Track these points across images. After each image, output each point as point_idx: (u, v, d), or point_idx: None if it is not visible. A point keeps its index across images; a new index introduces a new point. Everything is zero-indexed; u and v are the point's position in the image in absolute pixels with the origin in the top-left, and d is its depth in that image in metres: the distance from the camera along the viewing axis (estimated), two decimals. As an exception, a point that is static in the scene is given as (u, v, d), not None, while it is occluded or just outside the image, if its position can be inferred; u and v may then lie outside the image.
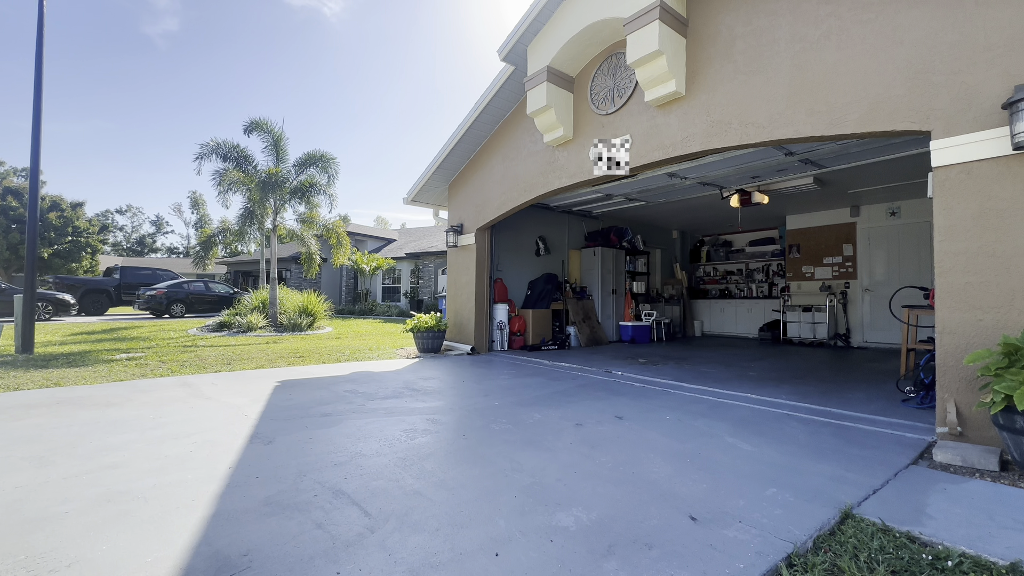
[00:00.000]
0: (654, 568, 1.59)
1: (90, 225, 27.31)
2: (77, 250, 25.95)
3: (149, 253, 52.59)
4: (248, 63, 77.34)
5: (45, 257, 24.22)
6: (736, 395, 4.34)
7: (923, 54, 3.01)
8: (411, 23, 78.24)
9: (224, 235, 11.38)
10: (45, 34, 6.70)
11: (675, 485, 2.28)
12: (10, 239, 22.97)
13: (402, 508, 2.02)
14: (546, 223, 8.76)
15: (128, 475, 2.34)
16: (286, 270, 22.61)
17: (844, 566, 1.60)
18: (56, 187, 58.53)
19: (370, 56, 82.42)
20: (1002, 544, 1.75)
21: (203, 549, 1.69)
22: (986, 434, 2.70)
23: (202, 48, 72.04)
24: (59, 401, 3.84)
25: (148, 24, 67.65)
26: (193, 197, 52.19)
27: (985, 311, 2.74)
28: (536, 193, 6.04)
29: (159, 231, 55.26)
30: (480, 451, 2.75)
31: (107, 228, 35.45)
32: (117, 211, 52.11)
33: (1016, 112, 2.54)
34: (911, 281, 7.45)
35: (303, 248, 11.47)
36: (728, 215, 9.13)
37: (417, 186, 7.82)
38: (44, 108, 6.67)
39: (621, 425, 3.31)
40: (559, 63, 5.29)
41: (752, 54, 3.90)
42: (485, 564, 1.61)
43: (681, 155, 4.43)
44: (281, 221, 11.05)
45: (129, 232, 53.34)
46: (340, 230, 11.78)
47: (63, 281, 16.36)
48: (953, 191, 2.87)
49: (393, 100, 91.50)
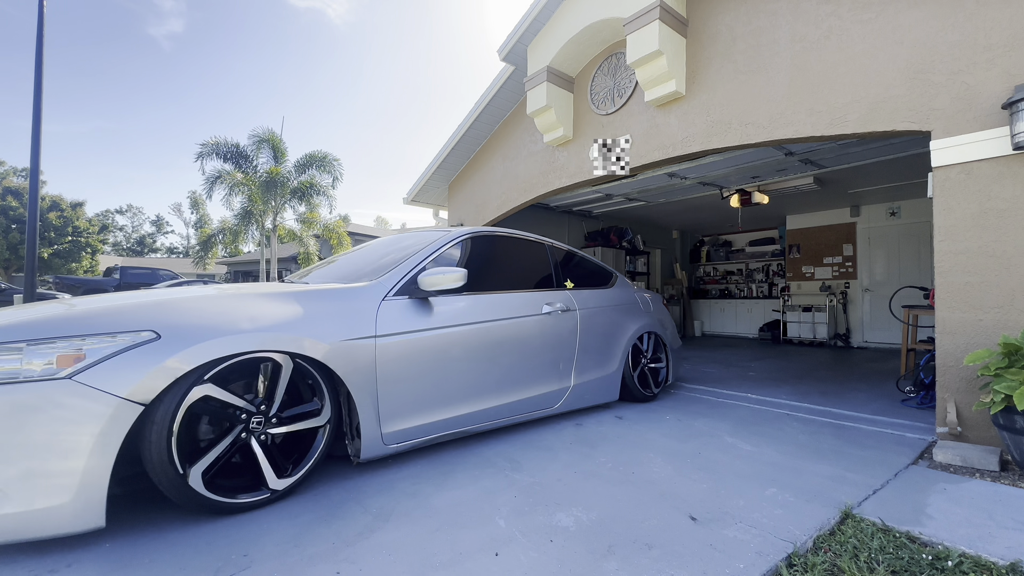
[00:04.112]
0: (654, 568, 1.59)
1: (90, 225, 27.32)
2: (77, 250, 25.96)
3: (149, 253, 52.61)
4: (252, 64, 77.51)
5: (45, 257, 24.23)
6: (736, 395, 4.34)
7: (923, 54, 3.01)
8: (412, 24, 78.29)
9: (224, 235, 11.39)
10: (45, 34, 6.70)
11: (675, 485, 2.28)
12: (10, 239, 22.97)
13: (402, 508, 2.02)
14: (546, 223, 8.75)
15: (128, 475, 2.34)
16: (286, 270, 22.61)
17: (844, 566, 1.60)
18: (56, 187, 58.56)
19: (372, 56, 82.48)
20: (1002, 544, 1.75)
21: (204, 549, 1.69)
22: (986, 434, 2.70)
23: (206, 50, 72.14)
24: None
25: (153, 26, 67.77)
26: (193, 197, 52.12)
27: (985, 311, 2.74)
28: (536, 193, 6.04)
29: (159, 231, 55.27)
30: (479, 450, 2.76)
31: (107, 228, 35.46)
32: (117, 211, 52.11)
33: (1016, 112, 2.54)
34: (911, 281, 7.45)
35: (302, 248, 11.48)
36: (728, 215, 9.13)
37: (417, 186, 7.82)
38: (45, 108, 6.67)
39: (621, 425, 3.31)
40: (559, 63, 5.29)
41: (752, 54, 3.90)
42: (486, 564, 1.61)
43: (681, 155, 4.43)
44: (281, 221, 11.05)
45: (129, 232, 53.35)
46: (341, 230, 11.79)
47: (63, 281, 16.36)
48: (953, 191, 2.87)
49: (394, 100, 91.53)
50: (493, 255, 3.27)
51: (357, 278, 2.67)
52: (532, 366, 3.12)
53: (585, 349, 3.47)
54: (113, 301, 2.03)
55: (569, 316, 3.39)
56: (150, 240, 54.31)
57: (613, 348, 3.73)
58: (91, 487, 1.59)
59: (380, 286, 2.50)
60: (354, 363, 2.22)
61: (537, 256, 3.53)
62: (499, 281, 3.14)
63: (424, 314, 2.55)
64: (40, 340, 1.64)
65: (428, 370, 2.53)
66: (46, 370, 1.61)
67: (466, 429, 2.76)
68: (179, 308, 1.96)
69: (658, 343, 4.25)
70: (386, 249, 3.11)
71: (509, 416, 3.00)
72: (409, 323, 2.48)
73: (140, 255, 50.26)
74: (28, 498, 1.53)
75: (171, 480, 1.75)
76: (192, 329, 1.85)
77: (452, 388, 2.64)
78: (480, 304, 2.86)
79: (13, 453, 1.53)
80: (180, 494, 1.78)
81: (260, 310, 2.09)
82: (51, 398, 1.58)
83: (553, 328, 3.26)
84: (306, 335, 2.09)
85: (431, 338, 2.55)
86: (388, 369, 2.34)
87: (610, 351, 3.70)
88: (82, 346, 1.67)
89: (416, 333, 2.49)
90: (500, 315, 2.95)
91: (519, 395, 3.02)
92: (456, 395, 2.67)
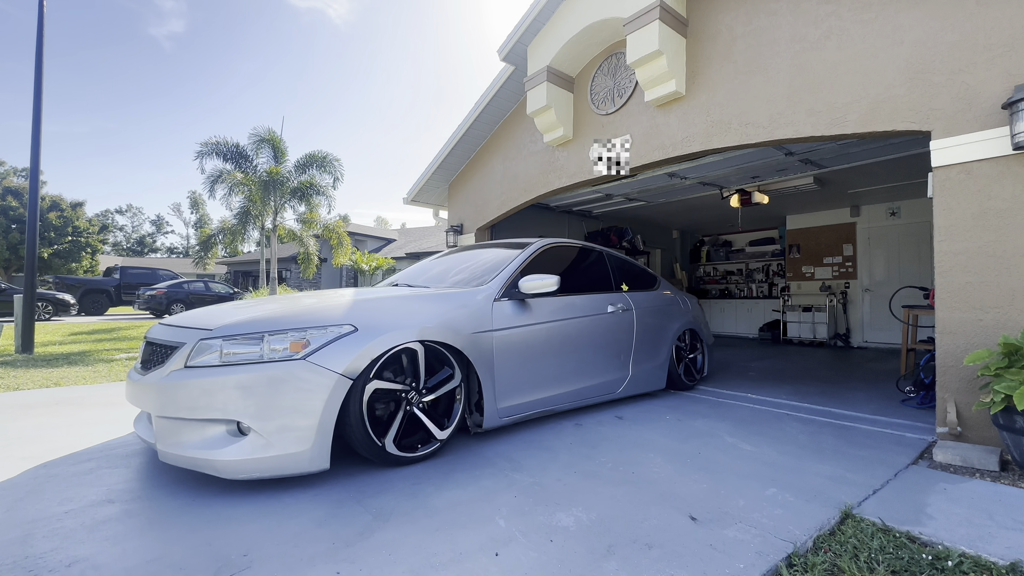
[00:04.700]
0: (654, 568, 1.59)
1: (90, 225, 27.32)
2: (77, 250, 25.96)
3: (149, 253, 52.61)
4: (253, 65, 77.56)
5: (45, 257, 24.23)
6: (736, 395, 4.34)
7: (923, 54, 3.01)
8: (413, 24, 78.28)
9: (224, 235, 11.38)
10: (45, 33, 6.70)
11: (675, 485, 2.28)
12: (10, 239, 22.97)
13: (402, 508, 2.02)
14: (546, 223, 8.75)
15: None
16: (286, 270, 22.62)
17: (844, 566, 1.60)
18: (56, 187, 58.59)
19: (372, 56, 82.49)
20: (1002, 544, 1.75)
21: (203, 549, 1.69)
22: (986, 434, 2.70)
23: (207, 50, 72.17)
24: (59, 401, 3.84)
25: (154, 26, 67.80)
26: (193, 197, 52.20)
27: (985, 311, 2.74)
28: (536, 193, 6.04)
29: (159, 231, 55.27)
30: (479, 450, 2.76)
31: (107, 228, 35.46)
32: (117, 211, 52.14)
33: (1016, 112, 2.54)
34: (911, 281, 7.45)
35: (301, 248, 11.47)
36: (728, 215, 9.13)
37: (417, 186, 7.82)
38: (45, 108, 6.68)
39: (621, 425, 3.31)
40: (559, 63, 5.29)
41: (752, 54, 3.90)
42: (486, 564, 1.61)
43: (681, 155, 4.43)
44: (281, 221, 11.04)
45: (129, 232, 53.35)
46: (340, 230, 11.79)
47: (63, 281, 16.37)
48: (953, 191, 2.87)
49: (394, 100, 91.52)
50: (564, 262, 3.80)
51: (456, 284, 3.29)
52: (600, 357, 3.65)
53: (640, 343, 3.98)
54: (318, 302, 2.61)
55: (627, 315, 3.90)
56: (150, 240, 54.30)
57: (661, 343, 4.24)
58: (322, 438, 2.14)
59: (491, 289, 3.05)
60: (480, 351, 2.78)
61: (597, 262, 4.06)
62: (571, 285, 3.55)
63: (523, 312, 3.12)
64: (276, 331, 2.21)
65: (527, 358, 3.08)
66: (285, 353, 2.16)
67: (552, 408, 3.30)
68: (365, 308, 2.52)
69: (696, 338, 4.74)
70: (471, 259, 3.74)
71: (583, 399, 3.54)
72: (513, 319, 3.04)
73: (140, 255, 50.25)
74: (283, 445, 2.08)
75: (370, 445, 2.31)
76: (377, 325, 2.40)
77: (543, 373, 3.20)
78: (562, 304, 3.40)
79: (273, 412, 2.08)
80: (377, 455, 2.35)
81: (418, 310, 2.66)
82: (294, 373, 2.12)
83: (615, 325, 3.78)
84: (449, 328, 2.65)
85: (528, 332, 3.12)
86: (501, 357, 2.91)
87: (659, 345, 4.21)
88: (306, 336, 2.22)
89: (518, 328, 3.05)
90: (576, 314, 3.48)
91: (591, 381, 3.56)
92: (546, 379, 3.21)
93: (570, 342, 3.39)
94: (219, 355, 2.15)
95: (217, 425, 2.11)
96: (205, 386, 2.09)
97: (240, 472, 2.07)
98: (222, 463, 2.04)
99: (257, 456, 2.06)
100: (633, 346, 3.91)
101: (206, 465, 2.08)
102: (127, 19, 68.75)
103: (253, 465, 2.06)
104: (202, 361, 2.16)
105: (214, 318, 2.43)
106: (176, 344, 2.29)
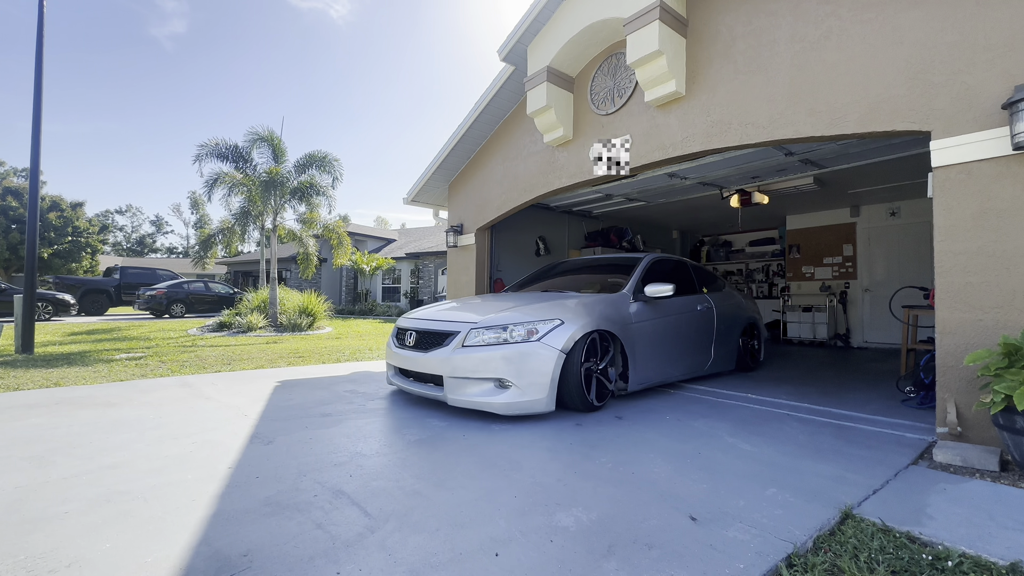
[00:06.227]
0: (654, 568, 1.59)
1: (90, 225, 27.31)
2: (77, 250, 25.95)
3: (149, 253, 52.62)
4: (254, 65, 77.60)
5: (45, 257, 24.22)
6: (735, 395, 4.35)
7: (923, 54, 3.01)
8: (414, 24, 78.33)
9: (223, 235, 11.37)
10: (45, 33, 6.70)
11: (675, 485, 2.28)
12: (10, 239, 22.97)
13: (402, 508, 2.02)
14: (546, 223, 8.75)
15: (128, 475, 2.34)
16: (286, 270, 22.61)
17: (844, 566, 1.60)
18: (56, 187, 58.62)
19: (373, 56, 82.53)
20: (1002, 544, 1.75)
21: (203, 549, 1.69)
22: (986, 434, 2.70)
23: (208, 50, 72.17)
24: (59, 401, 3.84)
25: (156, 26, 67.81)
26: (193, 197, 52.22)
27: (985, 311, 2.74)
28: (536, 193, 6.04)
29: (159, 231, 55.28)
30: (480, 450, 2.76)
31: (107, 228, 35.43)
32: (117, 211, 52.15)
33: (1016, 112, 2.54)
34: (911, 281, 7.45)
35: (301, 248, 11.45)
36: (728, 215, 9.13)
37: (417, 186, 7.81)
38: (45, 108, 6.68)
39: (621, 425, 3.31)
40: (559, 63, 5.29)
41: (752, 54, 3.90)
42: (486, 564, 1.61)
43: (681, 155, 4.43)
44: (281, 221, 11.03)
45: (129, 232, 53.36)
46: (340, 230, 11.77)
47: (63, 281, 16.36)
48: (953, 191, 2.87)
49: (394, 100, 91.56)
50: (664, 270, 4.80)
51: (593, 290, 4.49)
52: (693, 344, 4.73)
53: (718, 333, 5.06)
54: (534, 304, 3.75)
55: (709, 311, 4.96)
56: (150, 240, 54.30)
57: (732, 333, 5.33)
58: (552, 391, 3.35)
59: (626, 293, 4.19)
60: (627, 337, 3.91)
61: (683, 269, 5.10)
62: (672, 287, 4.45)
63: (647, 309, 4.22)
64: (516, 324, 3.44)
65: (650, 343, 4.16)
66: (526, 338, 3.38)
67: (663, 380, 4.41)
68: (564, 307, 3.67)
69: (755, 329, 5.80)
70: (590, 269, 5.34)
71: (682, 375, 4.65)
72: (642, 315, 4.15)
73: (140, 255, 50.26)
74: (531, 393, 3.30)
75: (581, 398, 3.48)
76: (574, 320, 3.54)
77: (660, 355, 4.29)
78: (670, 303, 4.45)
79: (524, 373, 3.29)
80: (583, 405, 3.52)
81: (592, 308, 3.76)
82: (535, 350, 3.34)
83: (703, 319, 4.86)
84: (610, 320, 3.81)
85: (651, 324, 4.20)
86: (637, 342, 4.01)
87: (730, 335, 5.30)
88: (535, 327, 3.43)
89: (645, 322, 4.16)
90: (679, 311, 4.57)
91: (689, 361, 4.69)
92: (662, 359, 4.32)
93: (676, 332, 4.48)
94: (482, 339, 3.40)
95: (489, 382, 3.33)
96: (483, 357, 3.34)
97: (506, 410, 3.29)
98: (497, 403, 3.29)
99: (516, 400, 3.28)
100: (714, 336, 4.97)
101: (486, 406, 3.31)
102: (128, 19, 68.75)
103: (515, 407, 3.30)
104: (473, 342, 3.41)
105: (465, 315, 3.71)
106: (450, 332, 3.55)
